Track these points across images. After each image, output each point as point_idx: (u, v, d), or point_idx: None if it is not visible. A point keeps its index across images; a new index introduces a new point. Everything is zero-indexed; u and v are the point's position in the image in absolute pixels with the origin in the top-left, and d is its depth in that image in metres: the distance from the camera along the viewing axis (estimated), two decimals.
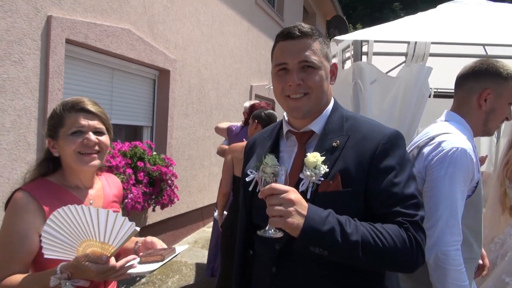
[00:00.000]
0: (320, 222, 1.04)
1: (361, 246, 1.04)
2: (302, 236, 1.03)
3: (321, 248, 1.03)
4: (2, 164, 2.89)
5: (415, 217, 1.11)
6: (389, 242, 1.06)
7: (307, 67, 1.20)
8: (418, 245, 1.10)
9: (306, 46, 1.20)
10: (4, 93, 2.88)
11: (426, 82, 2.16)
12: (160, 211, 4.63)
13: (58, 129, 1.37)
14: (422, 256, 1.12)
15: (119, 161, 3.68)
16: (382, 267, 1.13)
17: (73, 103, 1.38)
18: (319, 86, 1.22)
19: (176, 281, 4.28)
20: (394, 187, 1.13)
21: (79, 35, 3.47)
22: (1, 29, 2.83)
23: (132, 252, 1.54)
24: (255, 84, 7.77)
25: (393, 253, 1.07)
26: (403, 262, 1.10)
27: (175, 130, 5.15)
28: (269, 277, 1.24)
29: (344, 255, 1.06)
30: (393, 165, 1.15)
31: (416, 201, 1.14)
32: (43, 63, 3.19)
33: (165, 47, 4.83)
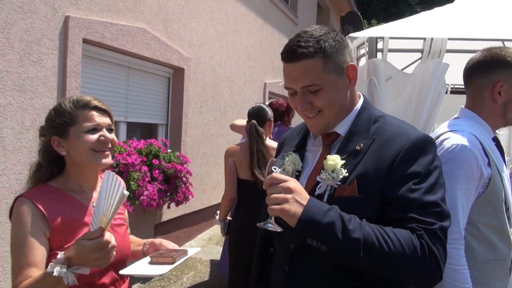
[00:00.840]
0: (319, 213, 1.01)
1: (363, 245, 0.98)
2: (299, 225, 1.00)
3: (319, 242, 1.00)
4: (22, 162, 2.97)
5: (433, 226, 1.02)
6: (395, 246, 0.99)
7: (313, 91, 1.16)
8: (432, 255, 1.00)
9: (305, 70, 1.13)
10: (24, 92, 2.95)
11: (442, 79, 2.13)
12: (175, 208, 4.68)
13: (69, 128, 1.34)
14: (438, 268, 1.01)
15: (134, 159, 3.72)
16: (388, 272, 1.03)
17: (85, 101, 1.37)
18: (329, 104, 1.17)
19: (191, 278, 4.33)
20: (412, 192, 1.05)
21: (96, 34, 3.52)
22: (20, 30, 2.90)
23: (140, 254, 1.55)
24: (269, 82, 7.77)
25: (400, 259, 0.99)
26: (412, 271, 1.01)
27: (190, 127, 5.19)
28: (282, 276, 1.25)
29: (344, 253, 1.00)
30: (415, 172, 1.07)
31: (438, 209, 1.05)
32: (61, 63, 3.25)
33: (180, 46, 4.86)
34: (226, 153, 3.01)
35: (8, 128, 2.86)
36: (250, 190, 2.89)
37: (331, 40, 1.15)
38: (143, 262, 1.38)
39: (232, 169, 2.96)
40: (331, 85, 1.15)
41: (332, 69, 1.14)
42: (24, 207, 1.27)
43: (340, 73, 1.16)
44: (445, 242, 1.04)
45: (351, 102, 1.23)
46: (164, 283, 4.15)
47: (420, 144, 1.10)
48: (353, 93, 1.24)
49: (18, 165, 2.94)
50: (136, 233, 1.79)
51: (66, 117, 1.34)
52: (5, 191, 2.87)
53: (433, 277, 1.02)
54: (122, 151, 3.72)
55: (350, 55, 1.21)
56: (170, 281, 4.21)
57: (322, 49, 1.13)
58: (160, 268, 1.30)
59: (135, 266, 1.36)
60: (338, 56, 1.16)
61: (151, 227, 4.51)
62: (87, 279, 1.31)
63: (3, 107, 2.81)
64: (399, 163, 1.08)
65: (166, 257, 1.35)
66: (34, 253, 1.23)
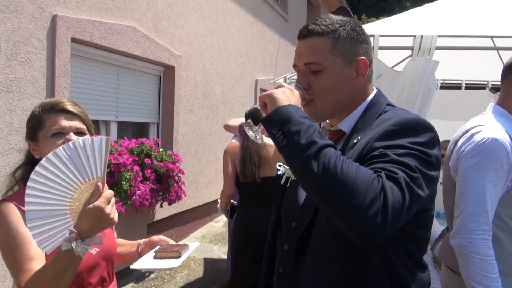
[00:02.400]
0: (298, 113, 0.97)
1: (320, 152, 0.91)
2: (275, 111, 0.98)
3: (283, 135, 0.95)
4: (12, 164, 2.92)
5: (397, 175, 0.90)
6: (350, 168, 0.89)
7: (314, 71, 1.11)
8: (384, 194, 0.88)
9: (313, 46, 1.11)
10: (12, 93, 2.91)
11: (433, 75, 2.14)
12: (167, 207, 4.66)
13: (38, 131, 1.33)
14: (383, 214, 0.87)
15: (126, 159, 3.70)
16: (331, 196, 0.89)
17: (52, 104, 1.35)
18: (324, 90, 1.11)
19: (184, 276, 4.33)
20: (387, 150, 0.96)
21: (84, 33, 3.48)
22: (7, 30, 2.85)
23: (135, 255, 1.54)
24: (260, 78, 7.76)
25: (349, 180, 0.87)
26: (356, 203, 0.86)
27: (181, 126, 5.16)
28: (276, 276, 1.26)
29: (298, 153, 0.92)
30: (395, 144, 0.97)
31: (414, 174, 0.93)
32: (50, 63, 3.20)
33: (170, 44, 4.83)
34: (226, 150, 3.04)
35: None
36: (250, 189, 2.90)
37: (348, 27, 1.12)
38: (148, 257, 1.39)
39: (230, 166, 2.98)
40: (334, 70, 1.10)
41: (340, 53, 1.10)
42: (9, 209, 1.26)
43: (348, 62, 1.11)
44: (405, 199, 0.90)
45: (356, 98, 1.16)
46: (158, 282, 4.14)
47: (408, 124, 1.02)
48: (360, 89, 1.16)
49: (7, 167, 2.90)
50: (129, 232, 1.79)
51: (35, 120, 1.34)
52: None
53: (374, 221, 0.86)
54: (113, 151, 3.69)
55: (367, 51, 1.15)
56: (164, 280, 4.20)
57: (334, 31, 1.10)
58: (170, 262, 1.31)
59: (143, 261, 1.36)
60: (350, 44, 1.12)
61: (143, 227, 4.49)
62: (77, 279, 1.29)
63: None
64: (380, 136, 1.01)
65: (171, 252, 1.36)
66: (32, 247, 1.20)
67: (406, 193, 0.90)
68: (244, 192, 3.00)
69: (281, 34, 8.92)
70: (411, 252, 1.07)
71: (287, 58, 9.27)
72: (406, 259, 1.06)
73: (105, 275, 1.43)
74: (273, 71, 8.57)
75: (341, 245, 1.05)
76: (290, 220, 1.22)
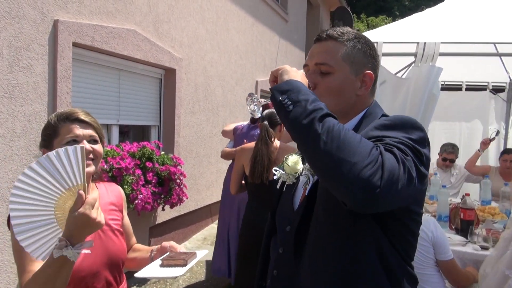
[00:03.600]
0: (305, 87, 1.04)
1: (323, 116, 0.96)
2: (285, 82, 1.04)
3: (290, 101, 0.99)
4: (14, 170, 2.93)
5: (393, 149, 0.96)
6: (351, 134, 0.95)
7: (323, 72, 1.17)
8: (382, 159, 0.92)
9: (326, 48, 1.18)
10: (14, 99, 2.91)
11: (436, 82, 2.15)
12: (169, 210, 4.67)
13: (53, 139, 1.40)
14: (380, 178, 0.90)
15: (128, 163, 3.70)
16: (334, 153, 0.92)
17: (67, 113, 1.42)
18: (328, 92, 1.15)
19: (187, 279, 4.33)
20: (382, 137, 1.02)
21: (86, 38, 3.48)
22: (9, 36, 2.85)
23: (148, 261, 1.55)
24: (260, 80, 7.75)
25: (351, 142, 0.92)
26: (357, 158, 0.90)
27: (182, 128, 5.16)
28: (270, 279, 1.29)
29: (302, 117, 0.96)
30: (388, 135, 1.02)
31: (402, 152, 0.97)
32: (51, 68, 3.20)
33: (171, 46, 4.82)
34: (237, 151, 3.13)
35: None
36: (258, 189, 2.91)
37: (363, 41, 1.20)
38: (154, 265, 1.40)
39: (238, 169, 3.07)
40: (341, 75, 1.16)
41: (350, 61, 1.17)
42: None
43: (356, 71, 1.18)
44: (399, 168, 0.94)
45: (355, 107, 1.21)
46: (161, 286, 4.15)
47: (401, 121, 1.07)
48: (361, 100, 1.21)
49: (10, 173, 2.91)
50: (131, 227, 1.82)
51: (51, 130, 1.41)
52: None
53: (372, 180, 0.89)
54: (115, 155, 3.69)
55: (375, 67, 1.22)
56: (166, 283, 4.20)
57: (349, 40, 1.18)
58: (175, 271, 1.33)
59: (149, 269, 1.38)
60: (362, 56, 1.19)
61: (146, 230, 4.49)
62: (80, 283, 1.35)
63: None
64: (374, 128, 1.07)
65: (177, 260, 1.37)
66: None
67: (400, 164, 0.94)
68: (252, 192, 3.03)
69: (281, 35, 8.92)
70: (402, 249, 1.11)
71: (287, 59, 9.27)
72: (397, 253, 1.10)
73: (111, 279, 1.46)
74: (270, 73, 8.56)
75: (337, 241, 1.10)
76: (285, 224, 1.25)
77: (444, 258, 2.37)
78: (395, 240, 1.09)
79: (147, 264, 1.48)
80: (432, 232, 2.35)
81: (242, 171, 3.04)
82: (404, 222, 1.09)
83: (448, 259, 2.38)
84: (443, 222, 3.28)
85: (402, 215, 1.08)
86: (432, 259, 2.40)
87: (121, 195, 1.68)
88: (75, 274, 1.29)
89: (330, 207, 1.11)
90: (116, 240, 1.51)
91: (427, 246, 2.36)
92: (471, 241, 2.90)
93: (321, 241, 1.13)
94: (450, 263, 2.38)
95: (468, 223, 3.01)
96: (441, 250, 2.36)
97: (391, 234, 1.08)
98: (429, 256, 2.36)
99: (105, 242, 1.46)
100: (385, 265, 1.08)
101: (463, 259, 2.75)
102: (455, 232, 3.15)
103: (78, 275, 1.33)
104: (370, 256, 1.07)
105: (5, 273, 2.88)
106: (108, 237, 1.47)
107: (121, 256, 1.51)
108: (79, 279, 1.34)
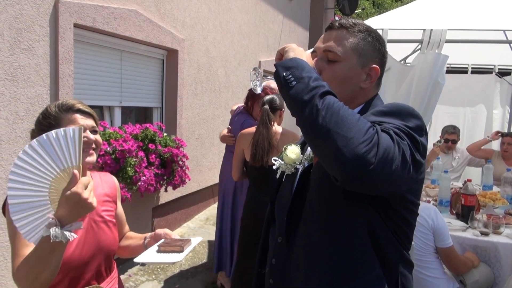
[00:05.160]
0: (311, 67, 1.06)
1: (325, 93, 0.99)
2: (290, 59, 1.06)
3: (293, 77, 1.02)
4: (17, 152, 2.93)
5: (389, 131, 0.98)
6: (351, 111, 0.97)
7: (330, 60, 1.18)
8: (377, 138, 0.93)
9: (337, 36, 1.19)
10: (16, 81, 2.89)
11: (442, 71, 2.11)
12: (172, 191, 4.70)
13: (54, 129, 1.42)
14: (374, 155, 0.91)
15: (131, 145, 3.71)
16: (331, 128, 0.94)
17: (69, 105, 1.44)
18: (333, 79, 1.15)
19: (189, 259, 4.41)
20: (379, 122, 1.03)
21: (87, 19, 3.43)
22: (9, 17, 2.81)
23: (142, 248, 1.59)
24: (263, 60, 7.67)
25: (348, 119, 0.94)
26: (353, 133, 0.92)
27: (185, 110, 5.15)
28: (269, 267, 1.32)
29: (304, 92, 0.99)
30: (386, 121, 1.04)
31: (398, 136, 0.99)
32: (53, 49, 3.17)
33: (173, 27, 4.75)
34: (238, 137, 3.12)
35: (2, 119, 2.82)
36: (258, 173, 2.92)
37: (374, 35, 1.21)
38: (151, 251, 1.43)
39: (238, 155, 3.08)
40: (347, 64, 1.17)
41: (358, 53, 1.17)
42: None
43: (362, 64, 1.18)
44: (394, 148, 0.95)
45: (357, 99, 1.22)
46: (164, 265, 4.23)
47: (399, 109, 1.09)
48: (364, 92, 1.22)
49: (13, 156, 2.92)
50: (134, 217, 1.84)
51: (52, 119, 1.42)
52: (1, 181, 2.86)
53: (367, 156, 0.91)
54: (118, 137, 3.69)
55: (382, 63, 1.23)
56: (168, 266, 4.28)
57: (360, 32, 1.19)
58: (173, 256, 1.36)
59: (147, 254, 1.42)
60: (371, 50, 1.19)
61: (148, 210, 4.54)
62: (69, 272, 1.37)
63: None
64: (371, 114, 1.10)
65: (174, 246, 1.41)
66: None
67: (395, 144, 0.96)
68: (252, 177, 3.04)
69: (284, 14, 8.76)
70: (396, 235, 1.12)
71: (290, 38, 9.14)
72: (391, 237, 1.11)
73: (101, 269, 1.49)
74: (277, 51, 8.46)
75: (330, 223, 1.13)
76: (284, 213, 1.27)
77: (444, 245, 2.39)
78: (390, 226, 1.10)
79: (140, 251, 1.51)
80: (433, 220, 2.37)
81: (242, 156, 3.05)
82: (399, 211, 1.10)
83: (448, 247, 2.41)
84: (444, 207, 3.30)
85: (397, 204, 1.09)
86: (432, 246, 2.43)
87: (115, 186, 1.68)
88: (65, 263, 1.31)
89: (324, 190, 1.14)
90: (108, 231, 1.53)
91: (427, 234, 2.38)
92: (471, 226, 2.92)
93: (314, 225, 1.16)
94: (449, 250, 2.41)
95: (469, 208, 3.02)
96: (441, 237, 2.38)
97: (385, 221, 1.10)
98: (428, 244, 2.38)
99: (97, 233, 1.48)
100: (378, 249, 1.10)
101: (463, 244, 2.78)
102: (456, 217, 3.18)
103: (68, 265, 1.35)
104: (362, 239, 1.09)
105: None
106: (100, 228, 1.50)
107: (112, 247, 1.54)
108: (69, 268, 1.36)
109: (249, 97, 3.70)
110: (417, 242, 2.35)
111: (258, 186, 2.99)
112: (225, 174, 3.83)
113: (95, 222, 1.48)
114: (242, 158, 3.07)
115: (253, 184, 3.06)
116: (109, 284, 1.53)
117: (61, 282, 1.37)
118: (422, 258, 2.41)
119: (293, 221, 1.23)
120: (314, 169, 1.23)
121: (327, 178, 1.05)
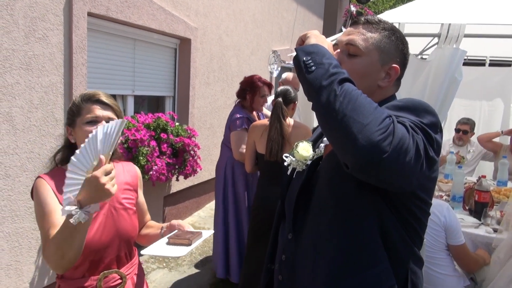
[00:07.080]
0: (329, 52, 1.06)
1: (344, 80, 0.98)
2: (312, 45, 1.07)
3: (313, 62, 1.02)
4: (32, 140, 2.98)
5: (405, 123, 0.97)
6: (368, 100, 0.96)
7: (351, 54, 1.17)
8: (393, 128, 0.93)
9: (362, 32, 1.18)
10: (30, 70, 2.92)
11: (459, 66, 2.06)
12: (183, 180, 4.73)
13: (76, 118, 1.49)
14: (389, 143, 0.91)
15: (143, 134, 3.73)
16: (348, 114, 0.93)
17: (90, 95, 1.51)
18: (352, 73, 1.09)
19: (199, 247, 4.46)
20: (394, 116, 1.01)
21: (101, 7, 3.43)
22: (24, 6, 2.82)
23: (159, 237, 1.61)
24: (276, 49, 7.61)
25: (366, 107, 0.94)
26: (370, 119, 0.92)
27: (197, 99, 5.15)
28: (278, 264, 1.33)
29: (323, 77, 0.99)
30: (401, 115, 1.02)
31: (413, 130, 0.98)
32: (67, 38, 3.18)
33: (186, 15, 4.73)
34: (250, 128, 3.13)
35: (17, 107, 2.86)
36: (273, 165, 2.92)
37: (398, 34, 1.20)
38: (161, 243, 1.47)
39: (250, 146, 3.09)
40: (368, 60, 1.16)
41: (380, 50, 1.17)
42: (40, 183, 1.44)
43: (383, 61, 1.17)
44: (409, 139, 0.95)
45: (373, 97, 1.15)
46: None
47: (414, 104, 1.08)
48: (382, 91, 1.20)
49: (28, 144, 2.96)
50: (146, 205, 1.88)
51: (74, 109, 1.51)
52: (17, 169, 2.91)
53: (382, 143, 0.90)
54: (130, 127, 3.72)
55: (404, 63, 1.22)
56: None
57: (385, 29, 1.19)
58: (179, 250, 1.38)
59: (154, 247, 1.45)
60: (393, 49, 1.18)
61: (160, 199, 4.59)
62: (90, 255, 1.44)
63: (11, 86, 2.79)
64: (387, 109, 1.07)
65: (183, 239, 1.43)
66: (56, 215, 1.36)
67: (410, 136, 0.95)
68: (267, 171, 3.03)
69: (298, 2, 8.65)
70: (407, 231, 1.11)
71: (304, 27, 9.03)
72: (402, 232, 1.10)
73: (122, 255, 1.55)
74: (290, 40, 8.38)
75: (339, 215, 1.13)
76: (292, 208, 1.27)
77: (456, 243, 2.37)
78: (401, 222, 1.10)
79: (157, 239, 1.54)
80: (445, 217, 2.35)
81: (254, 148, 3.05)
82: (410, 208, 1.09)
83: (460, 244, 2.38)
84: (457, 202, 3.26)
85: (408, 201, 1.08)
86: (443, 243, 2.41)
87: (137, 175, 1.73)
88: (86, 246, 1.36)
89: (335, 182, 1.14)
90: (128, 218, 1.58)
91: (438, 231, 2.36)
92: (484, 223, 2.88)
93: (322, 217, 1.16)
94: (461, 247, 2.39)
95: (483, 205, 2.98)
96: (453, 235, 2.36)
97: (397, 217, 1.09)
98: (440, 240, 2.36)
99: (117, 219, 1.53)
100: (388, 244, 1.09)
101: (475, 241, 2.75)
102: (469, 214, 3.14)
103: (89, 248, 1.41)
104: (371, 232, 1.09)
105: (26, 239, 3.00)
106: (120, 214, 1.55)
107: (131, 233, 1.59)
108: (89, 252, 1.43)
109: (247, 89, 3.60)
110: (428, 239, 2.33)
111: (270, 178, 2.99)
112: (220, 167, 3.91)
113: (115, 209, 1.54)
114: (254, 150, 3.07)
115: (265, 177, 3.05)
116: (129, 269, 1.59)
117: (82, 264, 1.44)
118: (433, 255, 2.39)
119: (299, 215, 1.24)
120: (324, 161, 1.23)
121: (339, 169, 1.04)
